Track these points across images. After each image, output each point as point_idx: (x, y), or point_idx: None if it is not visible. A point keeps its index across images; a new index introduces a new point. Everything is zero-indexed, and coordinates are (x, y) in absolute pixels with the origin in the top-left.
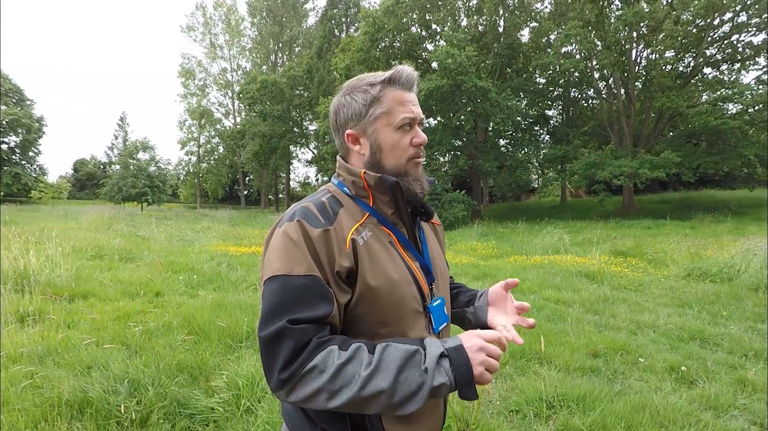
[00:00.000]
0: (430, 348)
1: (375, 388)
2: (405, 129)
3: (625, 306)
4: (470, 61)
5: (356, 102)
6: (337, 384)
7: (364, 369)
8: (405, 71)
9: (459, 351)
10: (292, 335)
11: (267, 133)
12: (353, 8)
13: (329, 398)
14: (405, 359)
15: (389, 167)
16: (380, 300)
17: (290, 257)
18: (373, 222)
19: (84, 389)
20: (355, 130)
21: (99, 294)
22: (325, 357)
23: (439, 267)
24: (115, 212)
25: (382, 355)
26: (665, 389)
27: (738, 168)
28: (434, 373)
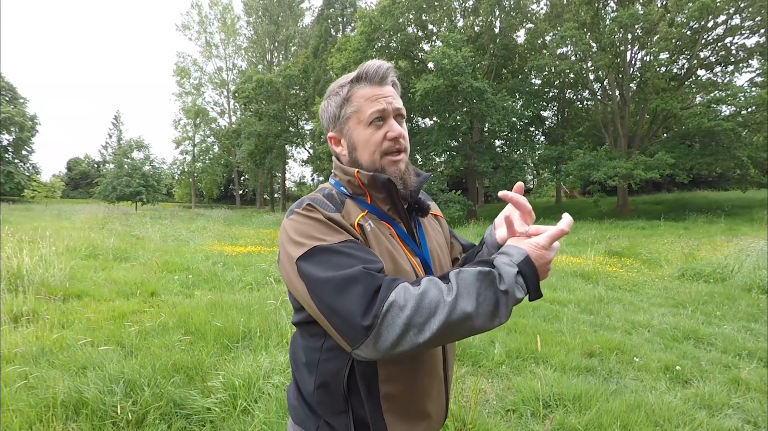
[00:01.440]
0: (504, 269)
1: (462, 311)
2: (377, 124)
3: (620, 306)
4: (466, 62)
5: (331, 105)
6: (423, 314)
7: (447, 295)
8: (372, 66)
9: (528, 264)
10: (365, 279)
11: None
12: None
13: (419, 331)
14: (480, 280)
15: (365, 164)
16: None
17: (320, 231)
18: (373, 217)
19: (79, 389)
20: (334, 133)
21: (93, 294)
22: (401, 291)
23: (439, 262)
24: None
25: (458, 280)
26: (660, 388)
27: (731, 169)
28: (515, 291)
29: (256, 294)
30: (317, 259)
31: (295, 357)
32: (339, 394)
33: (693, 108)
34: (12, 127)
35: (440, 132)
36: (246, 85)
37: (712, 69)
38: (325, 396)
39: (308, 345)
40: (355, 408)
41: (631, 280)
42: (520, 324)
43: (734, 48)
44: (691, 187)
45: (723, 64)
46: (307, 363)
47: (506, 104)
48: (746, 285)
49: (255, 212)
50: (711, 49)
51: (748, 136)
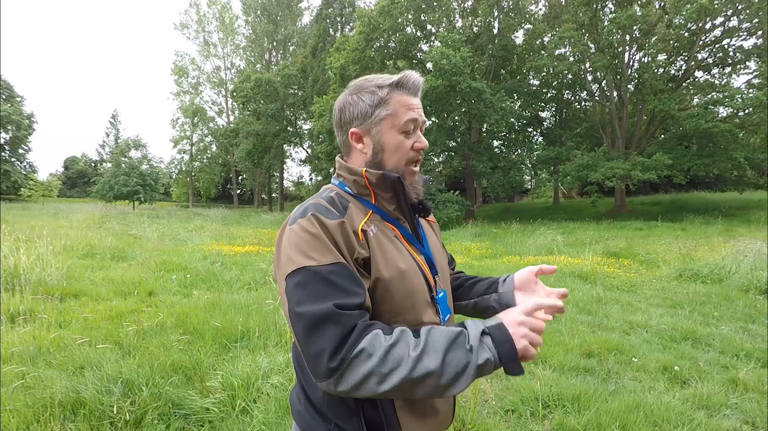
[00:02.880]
0: (471, 328)
1: (425, 369)
2: (408, 132)
3: (618, 307)
4: (465, 62)
5: (363, 102)
6: (387, 366)
7: (412, 350)
8: (413, 77)
9: (500, 328)
10: (339, 320)
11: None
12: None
13: (379, 382)
14: (451, 339)
15: (389, 167)
16: (393, 290)
17: (313, 249)
18: (377, 219)
19: (77, 389)
20: (359, 129)
21: (91, 294)
22: (372, 340)
23: (440, 262)
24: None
25: (428, 337)
26: (658, 388)
27: (728, 170)
28: (479, 351)
29: (255, 294)
30: (301, 282)
31: (299, 362)
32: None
33: (690, 109)
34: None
35: (439, 132)
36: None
37: (709, 70)
38: (334, 399)
39: None
40: (366, 409)
41: (628, 281)
42: None
43: (732, 50)
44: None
45: (720, 65)
46: None
47: (504, 105)
48: (743, 286)
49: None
50: (708, 51)
51: (745, 137)
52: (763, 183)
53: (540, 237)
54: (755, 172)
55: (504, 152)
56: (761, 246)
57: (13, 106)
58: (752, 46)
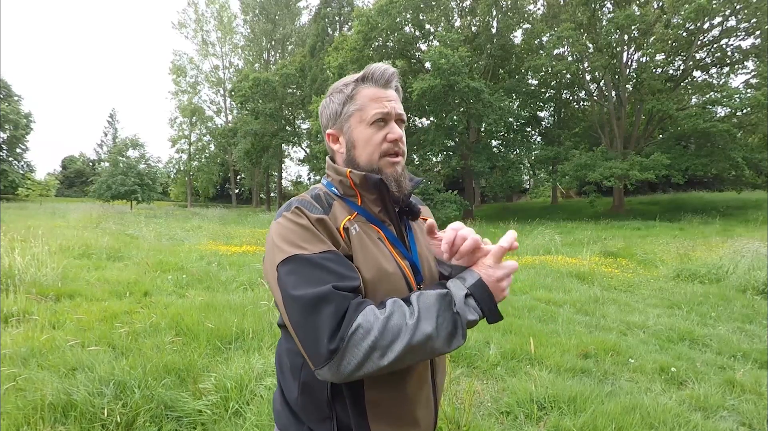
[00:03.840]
0: (454, 290)
1: (423, 334)
2: (379, 125)
3: (616, 307)
4: (463, 62)
5: (334, 102)
6: (387, 337)
7: (409, 318)
8: (378, 68)
9: (480, 287)
10: (336, 300)
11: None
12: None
13: (382, 354)
14: (439, 302)
15: (362, 163)
16: (372, 291)
17: (303, 239)
18: (362, 220)
19: (68, 391)
20: (333, 130)
21: (86, 294)
22: (368, 314)
23: (428, 267)
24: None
25: (419, 303)
26: (655, 390)
27: (726, 170)
28: (465, 313)
29: (250, 295)
30: (294, 269)
31: (280, 361)
32: (323, 400)
33: (688, 109)
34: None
35: (437, 132)
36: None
37: (707, 70)
38: (308, 401)
39: (291, 348)
40: (340, 414)
41: (626, 281)
42: (515, 325)
43: (730, 50)
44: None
45: (718, 65)
46: (291, 367)
47: (503, 104)
48: (741, 286)
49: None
50: (707, 51)
51: (743, 137)
52: (761, 183)
53: (538, 237)
54: (753, 171)
55: (502, 152)
56: (759, 246)
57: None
58: (750, 46)
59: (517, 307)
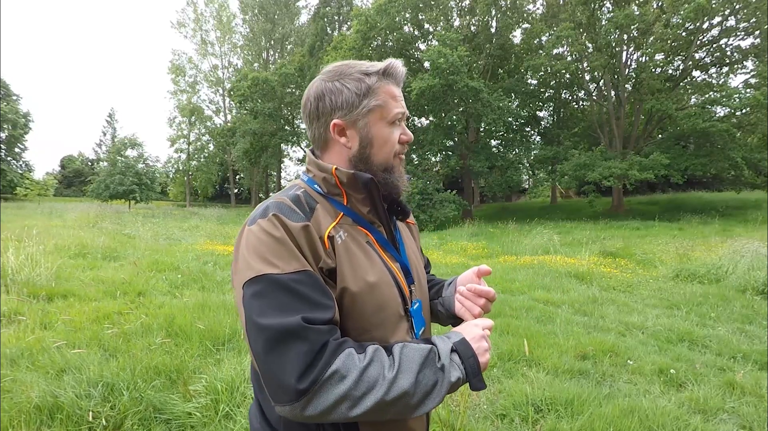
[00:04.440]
0: (440, 345)
1: (399, 390)
2: (395, 124)
3: (614, 307)
4: (462, 61)
5: (348, 90)
6: (361, 389)
7: (387, 370)
8: (399, 65)
9: (464, 343)
10: (308, 336)
11: (258, 131)
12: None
13: (352, 406)
14: (423, 357)
15: (378, 162)
16: (360, 305)
17: (275, 254)
18: (348, 223)
19: (54, 393)
20: (343, 120)
21: (79, 294)
22: (346, 360)
23: (416, 268)
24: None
25: (402, 355)
26: (654, 392)
27: (725, 170)
28: (450, 369)
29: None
30: (261, 291)
31: (258, 378)
32: None
33: (688, 109)
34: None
35: (436, 131)
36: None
37: (707, 70)
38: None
39: None
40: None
41: (625, 281)
42: (513, 325)
43: (729, 49)
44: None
45: (718, 65)
46: None
47: (502, 104)
48: (741, 286)
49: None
50: (706, 51)
51: (743, 137)
52: (760, 183)
53: (537, 236)
54: (752, 171)
55: (501, 152)
56: (759, 246)
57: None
58: (750, 45)
59: (514, 308)
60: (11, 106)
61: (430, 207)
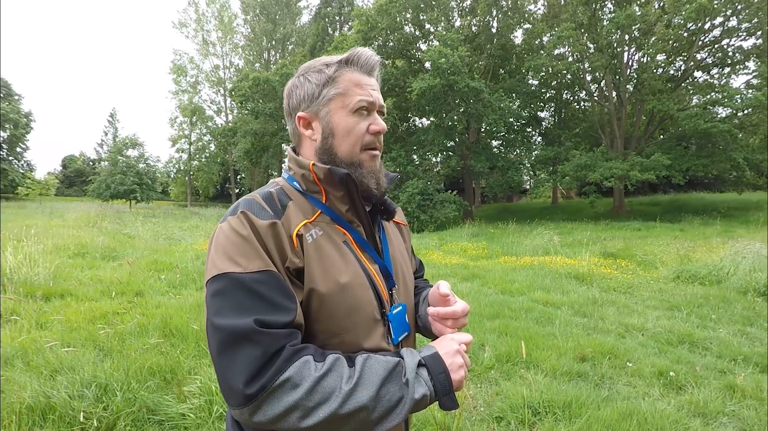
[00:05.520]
0: (407, 359)
1: (356, 404)
2: (362, 114)
3: (614, 309)
4: (463, 62)
5: (309, 82)
6: (315, 399)
7: (345, 382)
8: (364, 53)
9: (435, 358)
10: (261, 340)
11: (259, 131)
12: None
13: (303, 416)
14: (388, 371)
15: (342, 155)
16: (330, 306)
17: (240, 253)
18: (326, 221)
19: (47, 394)
20: (307, 113)
21: (76, 294)
22: (300, 368)
23: (401, 271)
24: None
25: (363, 367)
26: (653, 395)
27: (727, 171)
28: (414, 384)
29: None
30: (221, 290)
31: None
32: None
33: (689, 109)
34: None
35: (436, 132)
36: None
37: (708, 71)
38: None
39: None
40: None
41: (625, 282)
42: (511, 327)
43: (731, 50)
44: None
45: (720, 65)
46: None
47: (503, 104)
48: (742, 287)
49: None
50: (708, 51)
51: (745, 137)
52: (762, 183)
53: (537, 237)
54: (754, 172)
55: (502, 152)
56: (760, 248)
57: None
58: (752, 46)
59: (513, 309)
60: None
61: (431, 207)
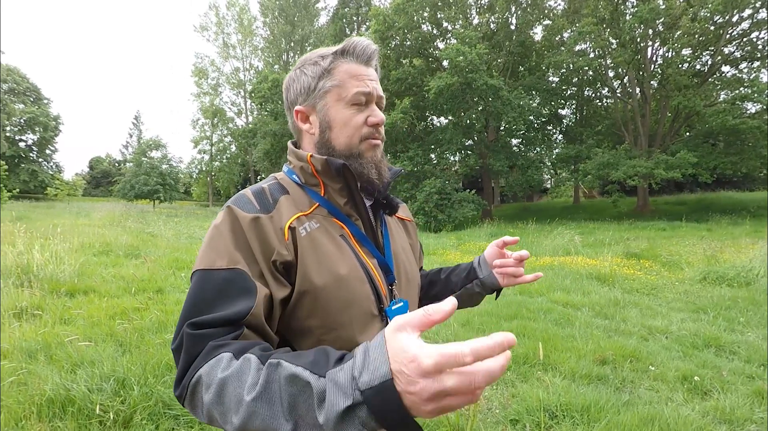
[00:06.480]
0: (332, 392)
1: (267, 423)
2: (359, 106)
3: (637, 311)
4: (481, 59)
5: (306, 75)
6: (222, 405)
7: (247, 392)
8: (360, 42)
9: (384, 393)
10: (188, 341)
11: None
12: (364, 6)
13: (223, 421)
14: (297, 389)
15: (340, 147)
16: (325, 300)
17: (213, 248)
18: (323, 214)
19: (67, 387)
20: (304, 107)
21: (99, 290)
22: (212, 366)
23: (404, 267)
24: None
25: (268, 377)
26: (677, 400)
27: (757, 169)
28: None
29: None
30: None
31: None
32: None
33: (717, 105)
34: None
35: (455, 130)
36: (262, 85)
37: (737, 65)
38: None
39: None
40: None
41: (649, 283)
42: (529, 328)
43: (760, 43)
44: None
45: (749, 59)
46: None
47: (522, 102)
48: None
49: None
50: (736, 45)
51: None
52: None
53: (557, 237)
54: None
55: (522, 150)
56: None
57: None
58: None
59: (532, 310)
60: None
61: (449, 206)
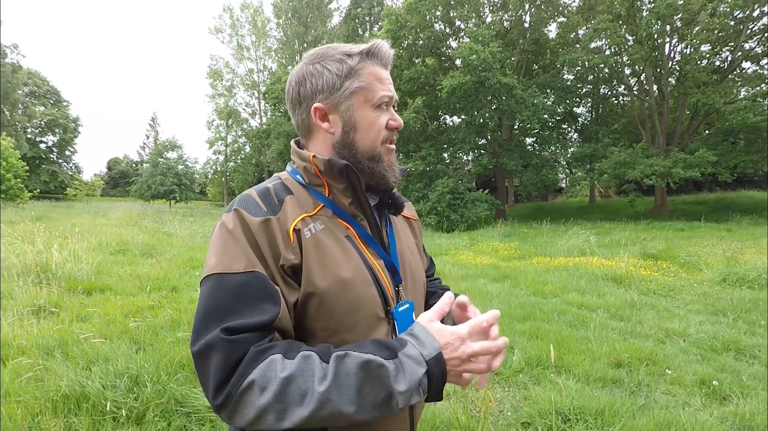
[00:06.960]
0: (408, 365)
1: (334, 407)
2: (382, 108)
3: (654, 313)
4: (494, 58)
5: (329, 72)
6: (285, 401)
7: (318, 383)
8: (383, 45)
9: (438, 363)
10: (225, 348)
11: (292, 132)
12: (377, 7)
13: (279, 419)
14: (368, 373)
15: (362, 149)
16: (330, 303)
17: (227, 252)
18: (327, 215)
19: (82, 383)
20: (325, 104)
21: (116, 289)
22: (265, 369)
23: (410, 267)
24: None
25: (338, 367)
26: (694, 405)
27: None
28: (411, 396)
29: None
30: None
31: None
32: None
33: (737, 102)
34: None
35: (468, 129)
36: (276, 86)
37: (758, 61)
38: None
39: None
40: None
41: (666, 285)
42: (543, 329)
43: None
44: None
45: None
46: None
47: (537, 100)
48: None
49: None
50: (757, 40)
51: None
52: None
53: (572, 237)
54: None
55: (536, 149)
56: None
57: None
58: None
59: (545, 311)
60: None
61: (461, 206)
